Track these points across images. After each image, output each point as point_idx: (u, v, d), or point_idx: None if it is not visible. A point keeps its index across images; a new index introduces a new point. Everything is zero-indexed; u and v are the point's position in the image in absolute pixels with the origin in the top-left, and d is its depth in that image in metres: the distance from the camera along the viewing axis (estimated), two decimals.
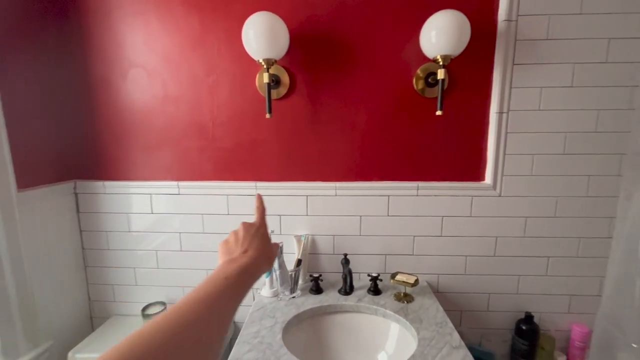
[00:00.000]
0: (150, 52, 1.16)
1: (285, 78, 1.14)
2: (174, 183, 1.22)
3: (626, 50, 1.07)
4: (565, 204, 1.17)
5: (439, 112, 1.03)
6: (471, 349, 1.13)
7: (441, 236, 1.21)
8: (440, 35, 0.97)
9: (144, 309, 1.21)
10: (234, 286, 0.44)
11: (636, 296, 0.63)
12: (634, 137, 0.65)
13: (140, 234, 1.27)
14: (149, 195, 1.24)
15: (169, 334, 0.34)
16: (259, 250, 0.52)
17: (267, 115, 1.07)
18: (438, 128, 1.16)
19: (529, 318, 1.19)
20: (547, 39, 1.08)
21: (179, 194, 1.23)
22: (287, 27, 1.04)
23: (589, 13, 1.05)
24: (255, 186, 1.21)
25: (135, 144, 1.22)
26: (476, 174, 1.18)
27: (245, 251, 0.51)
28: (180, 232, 1.26)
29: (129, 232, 1.27)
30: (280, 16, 1.03)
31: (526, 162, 1.15)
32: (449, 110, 1.14)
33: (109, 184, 1.24)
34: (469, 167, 1.18)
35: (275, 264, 1.11)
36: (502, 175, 1.16)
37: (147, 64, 1.17)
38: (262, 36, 0.98)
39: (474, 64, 1.12)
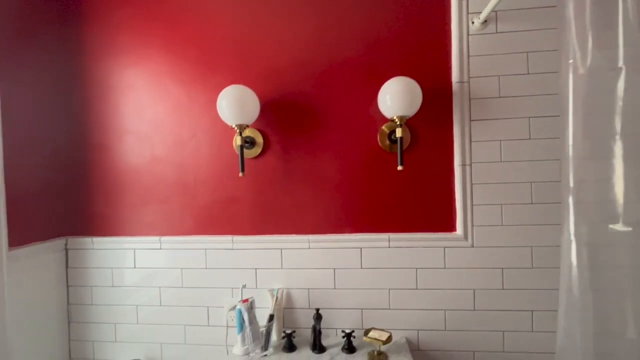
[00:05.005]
0: (142, 120, 1.30)
1: (259, 139, 1.24)
2: (156, 238, 1.29)
3: None
4: (542, 254, 1.15)
5: (400, 167, 1.09)
6: None
7: (417, 289, 1.19)
8: (394, 99, 1.06)
9: None
10: None
11: (578, 348, 0.61)
12: (561, 187, 0.68)
13: (123, 289, 1.31)
14: (133, 250, 1.30)
15: None
16: None
17: (240, 174, 1.15)
18: (405, 181, 1.20)
19: None
20: (499, 97, 1.15)
21: (160, 249, 1.29)
22: (259, 95, 1.17)
23: (536, 73, 1.13)
24: (232, 240, 1.25)
25: (123, 201, 1.31)
26: (447, 225, 1.19)
27: None
28: (160, 287, 1.29)
29: (112, 286, 1.31)
30: (252, 86, 1.16)
31: (495, 212, 1.16)
32: (415, 163, 1.19)
33: (97, 239, 1.31)
34: (439, 218, 1.19)
35: (246, 320, 1.10)
36: (473, 225, 1.17)
37: (139, 130, 1.30)
38: (233, 105, 1.09)
39: (435, 121, 1.19)
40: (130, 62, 1.30)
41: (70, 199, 1.33)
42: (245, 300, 1.12)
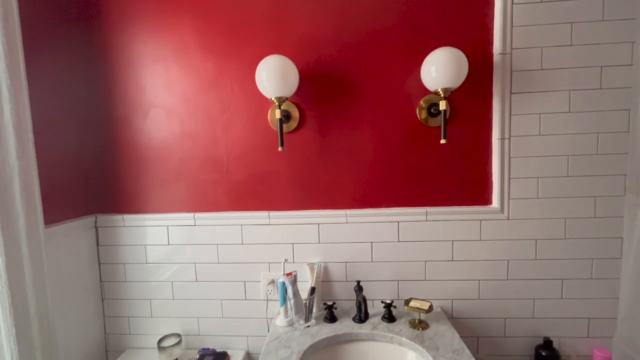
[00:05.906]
0: (169, 94, 1.25)
1: (295, 113, 1.21)
2: (190, 215, 1.27)
3: (618, 76, 1.12)
4: (575, 226, 1.18)
5: (443, 141, 1.08)
6: None
7: (452, 261, 1.22)
8: (440, 70, 1.04)
9: (159, 341, 1.22)
10: None
11: None
12: (631, 159, 0.68)
13: (157, 265, 1.30)
14: (166, 227, 1.29)
15: None
16: None
17: (280, 149, 1.12)
18: (443, 155, 1.20)
19: (548, 343, 1.17)
20: (541, 69, 1.14)
21: (194, 225, 1.28)
22: (297, 67, 1.12)
23: (579, 44, 1.12)
24: (268, 215, 1.25)
25: (153, 178, 1.28)
26: (483, 198, 1.21)
27: None
28: (195, 263, 1.29)
29: (146, 263, 1.31)
30: (289, 57, 1.12)
31: (531, 185, 1.18)
32: (452, 137, 1.19)
33: (127, 217, 1.29)
34: (475, 192, 1.21)
35: (290, 293, 1.12)
36: (509, 198, 1.19)
37: (166, 104, 1.25)
38: (274, 77, 1.05)
39: (473, 94, 1.18)
40: (155, 32, 1.23)
41: (99, 176, 1.29)
42: (289, 274, 1.13)
